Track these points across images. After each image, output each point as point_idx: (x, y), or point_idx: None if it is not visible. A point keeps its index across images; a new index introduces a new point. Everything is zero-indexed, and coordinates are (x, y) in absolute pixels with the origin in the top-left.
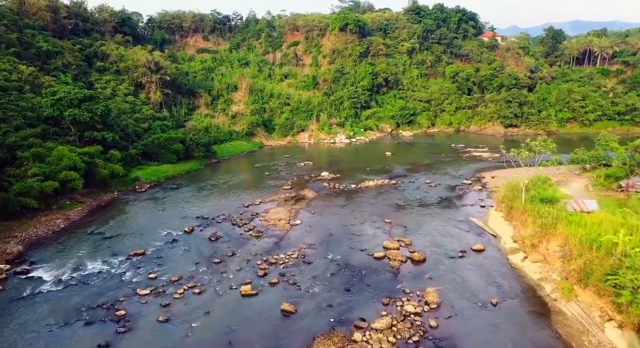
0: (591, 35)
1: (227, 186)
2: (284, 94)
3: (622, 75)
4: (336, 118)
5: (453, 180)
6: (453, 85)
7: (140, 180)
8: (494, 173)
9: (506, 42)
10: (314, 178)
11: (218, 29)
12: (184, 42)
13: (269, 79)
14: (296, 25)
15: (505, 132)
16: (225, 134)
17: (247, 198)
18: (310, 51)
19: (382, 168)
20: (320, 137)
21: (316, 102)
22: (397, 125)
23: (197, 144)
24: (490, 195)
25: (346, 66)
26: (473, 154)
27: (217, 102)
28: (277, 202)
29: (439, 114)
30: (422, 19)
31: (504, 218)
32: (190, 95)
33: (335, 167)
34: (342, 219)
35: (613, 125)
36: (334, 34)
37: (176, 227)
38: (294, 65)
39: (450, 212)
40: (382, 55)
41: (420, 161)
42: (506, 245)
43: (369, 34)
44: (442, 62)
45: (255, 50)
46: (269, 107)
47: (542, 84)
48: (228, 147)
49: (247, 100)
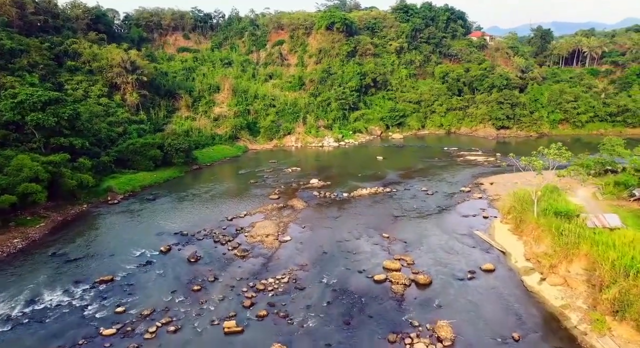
0: (579, 35)
1: (209, 196)
2: (269, 95)
3: (612, 75)
4: (324, 120)
5: (450, 187)
6: (443, 86)
7: (112, 191)
8: (491, 179)
9: (495, 42)
10: (303, 186)
11: (199, 27)
12: (163, 40)
13: (253, 80)
14: (281, 23)
15: (497, 134)
16: (207, 137)
17: (231, 210)
18: (296, 50)
19: (374, 174)
20: (308, 140)
21: (303, 103)
22: (387, 127)
23: (177, 149)
24: (492, 203)
25: (333, 66)
26: (467, 157)
27: (199, 104)
28: (264, 214)
29: (429, 116)
30: (410, 18)
31: (512, 232)
32: (169, 96)
33: (325, 173)
34: (335, 234)
35: (605, 127)
36: (320, 33)
37: (151, 246)
38: (279, 65)
39: (451, 224)
40: (370, 55)
41: (413, 166)
42: (518, 264)
43: (356, 33)
44: (431, 62)
45: (238, 49)
46: (254, 109)
47: (533, 85)
48: (210, 152)
49: (230, 102)
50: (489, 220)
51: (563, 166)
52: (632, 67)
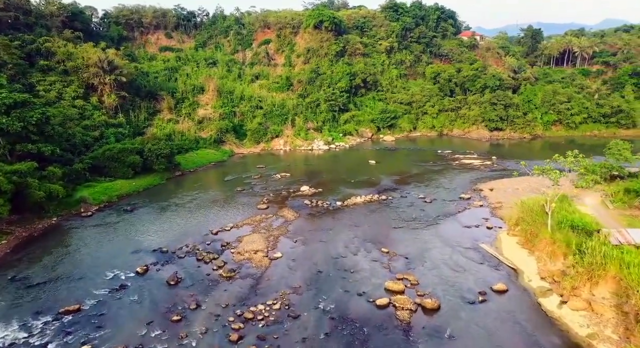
0: (569, 35)
1: (192, 206)
2: (256, 96)
3: (603, 75)
4: (313, 122)
5: (448, 193)
6: (434, 87)
7: (86, 202)
8: (491, 184)
9: (485, 42)
10: (293, 194)
11: (182, 26)
12: (145, 39)
13: (239, 80)
14: (267, 22)
15: (491, 136)
16: (190, 141)
17: (216, 222)
18: (283, 50)
19: (368, 179)
20: (297, 143)
21: (291, 104)
22: (378, 129)
23: (158, 155)
24: (494, 212)
25: (322, 66)
26: (463, 161)
27: (182, 106)
28: (252, 227)
29: (420, 117)
30: (400, 17)
31: (521, 246)
32: (150, 98)
33: (316, 179)
34: (330, 249)
35: (599, 128)
36: (308, 32)
37: (126, 266)
38: (266, 65)
39: (454, 235)
40: (360, 55)
41: (408, 171)
42: (533, 284)
43: (345, 32)
44: (422, 62)
45: (223, 48)
46: (240, 111)
47: (526, 86)
48: (194, 157)
49: (215, 104)
50: (494, 232)
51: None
52: (625, 68)
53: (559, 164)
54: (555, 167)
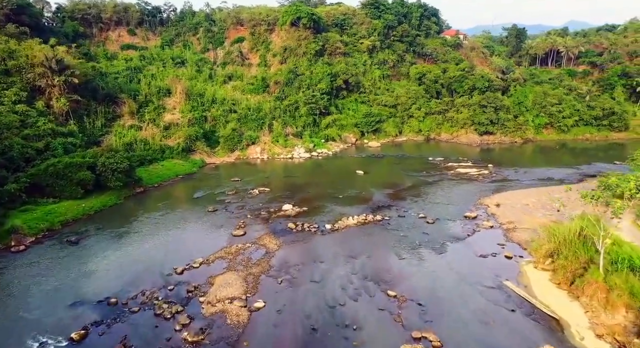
0: (553, 34)
1: (153, 233)
2: (229, 99)
3: (590, 76)
4: (292, 127)
5: (451, 211)
6: (420, 88)
7: (19, 232)
8: (495, 198)
9: (469, 41)
10: (275, 215)
11: (147, 22)
12: (105, 36)
13: (210, 81)
14: (240, 19)
15: (481, 140)
16: (155, 151)
17: (182, 256)
18: (258, 49)
19: (358, 195)
20: (275, 151)
21: (268, 108)
22: (362, 134)
23: (114, 169)
24: (509, 235)
25: (300, 66)
26: (458, 170)
27: (145, 110)
28: (227, 261)
29: (406, 121)
30: (381, 14)
31: (556, 285)
32: (109, 101)
33: (299, 194)
34: (324, 292)
35: (590, 131)
36: (285, 30)
37: (59, 329)
38: (239, 65)
39: (469, 268)
40: (340, 54)
41: (401, 183)
42: (587, 343)
43: (324, 30)
44: (406, 62)
45: (192, 47)
46: (211, 116)
47: (515, 87)
48: (158, 170)
49: (183, 107)
50: (515, 262)
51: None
52: (614, 68)
53: (612, 189)
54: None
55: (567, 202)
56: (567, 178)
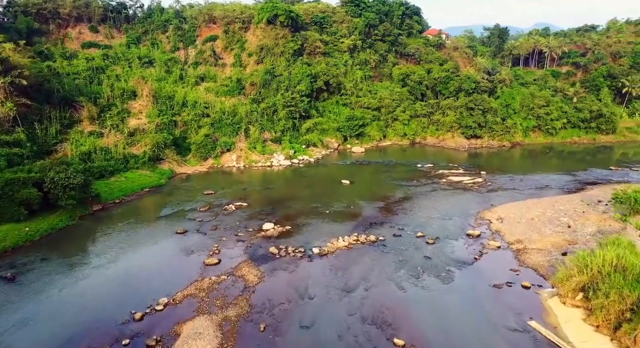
0: (534, 34)
1: (108, 263)
2: (201, 102)
3: (573, 77)
4: (270, 132)
5: (450, 227)
6: (404, 90)
7: None
8: (496, 211)
9: (452, 41)
10: (254, 236)
11: (111, 19)
12: (63, 33)
13: (181, 82)
14: (212, 16)
15: (469, 144)
16: (117, 161)
17: (143, 294)
18: (232, 48)
19: (346, 209)
20: (252, 158)
21: (243, 111)
22: (345, 138)
23: (65, 185)
24: (520, 257)
25: (278, 66)
26: (449, 178)
27: (108, 115)
28: (197, 301)
29: (390, 124)
30: (362, 12)
31: (594, 327)
32: (66, 105)
33: (281, 209)
34: (317, 342)
35: (578, 134)
36: (261, 28)
37: None
38: (213, 65)
39: (485, 304)
40: (320, 54)
41: (391, 194)
42: None
43: (303, 29)
44: (388, 62)
45: (161, 46)
46: (182, 120)
47: (502, 88)
48: (121, 182)
49: (150, 111)
50: (534, 293)
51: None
52: (600, 69)
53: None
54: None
55: (574, 214)
56: (566, 187)
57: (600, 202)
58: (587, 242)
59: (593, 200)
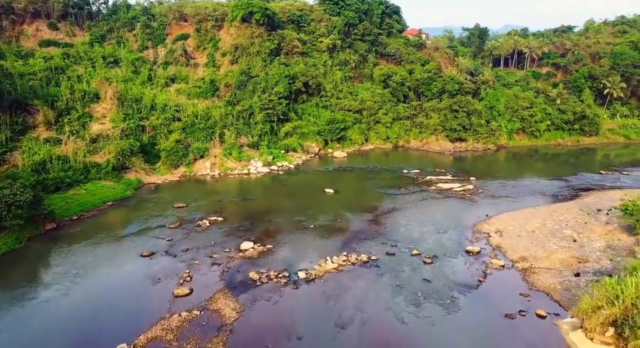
0: (513, 34)
1: (59, 297)
2: (172, 105)
3: (553, 78)
4: (247, 137)
5: (447, 242)
6: (386, 91)
7: None
8: (493, 223)
9: (432, 41)
10: (231, 259)
11: (72, 15)
12: (18, 30)
13: (149, 84)
14: (183, 13)
15: (454, 148)
16: (77, 171)
17: (96, 340)
18: (205, 47)
19: (333, 223)
20: (228, 165)
21: (218, 115)
22: (326, 142)
23: (10, 203)
24: (528, 279)
25: (254, 67)
26: (438, 185)
27: (66, 120)
28: (164, 346)
29: (372, 127)
30: (341, 11)
31: None
32: (18, 109)
33: (261, 225)
34: None
35: (562, 136)
36: (235, 26)
37: None
38: (184, 66)
39: (498, 339)
40: (298, 54)
41: (379, 204)
42: None
43: (280, 27)
44: (369, 63)
45: (128, 44)
46: (150, 125)
47: (486, 89)
48: (80, 196)
49: (115, 116)
50: (553, 325)
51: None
52: (581, 70)
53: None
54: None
55: (576, 226)
56: (560, 193)
57: (600, 210)
58: (599, 260)
59: (592, 209)
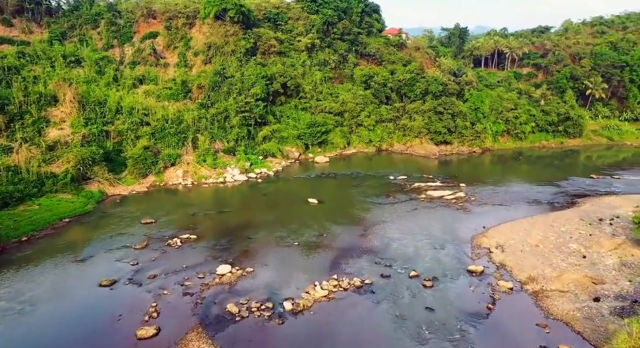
0: (493, 35)
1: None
2: (140, 108)
3: (534, 78)
4: (222, 142)
5: (446, 259)
6: (367, 92)
7: None
8: (492, 236)
9: (413, 41)
10: (206, 286)
11: (28, 11)
12: None
13: (115, 85)
14: (152, 10)
15: (439, 151)
16: (30, 183)
17: None
18: (176, 46)
19: (319, 239)
20: (202, 173)
21: (190, 118)
22: (306, 147)
23: None
24: (542, 304)
25: (228, 67)
26: (428, 192)
27: (19, 125)
28: None
29: (354, 130)
30: (319, 9)
31: None
32: None
33: (239, 243)
34: None
35: (546, 138)
36: (208, 24)
37: None
38: (153, 66)
39: None
40: (275, 54)
41: (367, 216)
42: None
43: (255, 26)
44: (349, 63)
45: (92, 43)
46: (116, 130)
47: (469, 91)
48: (32, 212)
49: (75, 120)
50: None
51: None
52: (563, 71)
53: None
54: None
55: (581, 239)
56: (556, 201)
57: (601, 220)
58: (616, 281)
59: (592, 218)
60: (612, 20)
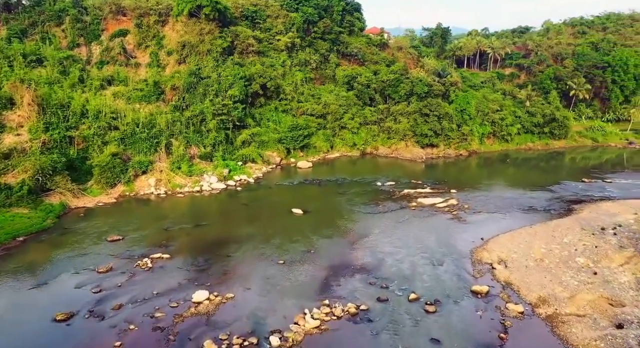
0: (474, 35)
1: None
2: (108, 111)
3: (517, 79)
4: (198, 147)
5: (445, 277)
6: (350, 94)
7: None
8: (493, 249)
9: (395, 40)
10: (180, 316)
11: None
12: None
13: (81, 86)
14: (121, 6)
15: (426, 155)
16: None
17: None
18: (147, 45)
19: (306, 256)
20: (177, 181)
21: (164, 122)
22: (288, 151)
23: None
24: (560, 333)
25: (204, 67)
26: (419, 200)
27: None
28: None
29: (338, 133)
30: (299, 7)
31: None
32: None
33: (218, 262)
34: None
35: (532, 140)
36: (182, 21)
37: None
38: (123, 65)
39: None
40: (253, 53)
41: (356, 228)
42: None
43: (232, 24)
44: (331, 63)
45: (55, 41)
46: (80, 135)
47: (455, 92)
48: None
49: (34, 125)
50: None
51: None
52: (547, 71)
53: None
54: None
55: (587, 251)
56: (552, 207)
57: (604, 229)
58: (637, 303)
59: (594, 227)
60: (593, 21)
